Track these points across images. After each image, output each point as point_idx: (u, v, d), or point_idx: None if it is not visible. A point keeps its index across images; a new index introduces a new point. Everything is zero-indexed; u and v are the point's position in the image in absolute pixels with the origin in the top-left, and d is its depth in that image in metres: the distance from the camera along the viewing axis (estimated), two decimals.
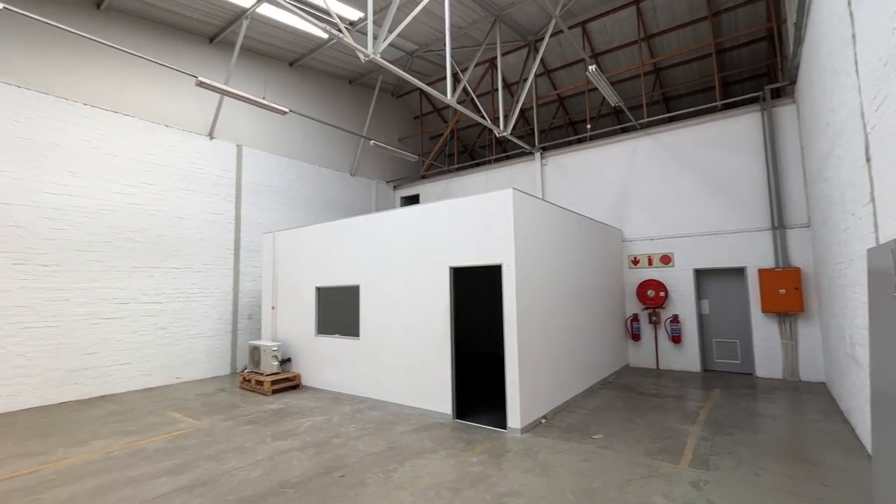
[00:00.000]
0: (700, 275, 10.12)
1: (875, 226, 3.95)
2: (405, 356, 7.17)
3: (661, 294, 10.15)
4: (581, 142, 13.35)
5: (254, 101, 8.42)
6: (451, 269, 6.69)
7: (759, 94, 9.39)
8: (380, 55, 7.00)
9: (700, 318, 10.02)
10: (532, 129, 16.00)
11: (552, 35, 12.30)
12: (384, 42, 7.02)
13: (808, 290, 8.65)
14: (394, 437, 5.76)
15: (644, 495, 4.09)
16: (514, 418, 5.87)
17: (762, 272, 8.93)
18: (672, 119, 13.55)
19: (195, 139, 10.30)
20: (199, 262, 10.14)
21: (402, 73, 7.55)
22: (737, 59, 12.40)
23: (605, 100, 14.30)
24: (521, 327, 6.01)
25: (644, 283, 10.45)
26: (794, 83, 8.83)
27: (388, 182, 15.71)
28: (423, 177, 15.75)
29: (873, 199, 3.95)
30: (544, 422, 6.36)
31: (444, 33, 11.49)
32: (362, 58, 6.93)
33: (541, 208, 6.88)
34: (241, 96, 8.23)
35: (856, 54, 4.13)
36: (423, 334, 6.94)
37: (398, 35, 10.62)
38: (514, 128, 15.86)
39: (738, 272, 9.65)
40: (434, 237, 6.92)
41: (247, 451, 5.37)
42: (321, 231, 8.85)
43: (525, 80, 12.93)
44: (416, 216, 7.21)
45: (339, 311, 8.41)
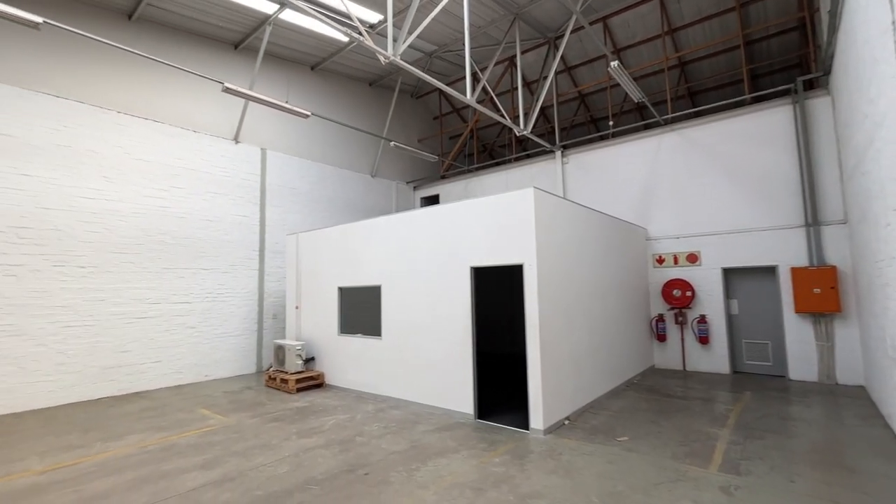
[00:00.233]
0: (729, 274, 9.82)
1: None
2: (427, 356, 7.21)
3: (688, 294, 9.89)
4: (603, 139, 13.12)
5: (277, 105, 8.60)
6: (471, 268, 6.69)
7: (791, 86, 9.05)
8: (399, 57, 7.05)
9: (729, 318, 9.73)
10: (552, 127, 15.83)
11: (573, 31, 12.14)
12: (404, 44, 7.07)
13: (845, 289, 8.29)
14: (416, 437, 5.79)
15: (671, 500, 4.00)
16: (537, 419, 5.82)
17: (795, 271, 8.61)
18: (698, 114, 13.18)
19: (221, 143, 10.59)
20: (226, 263, 10.43)
21: (421, 73, 7.58)
22: (766, 51, 11.98)
23: (627, 96, 14.04)
24: (543, 327, 5.96)
25: (670, 282, 10.21)
26: (828, 74, 8.47)
27: (408, 183, 15.81)
28: (443, 177, 15.78)
29: None
30: (567, 423, 6.28)
31: (462, 33, 11.48)
32: (382, 60, 6.99)
33: (562, 207, 6.81)
34: (264, 101, 8.42)
35: None
36: (444, 334, 6.96)
37: (417, 36, 10.67)
38: (534, 126, 15.73)
39: (769, 271, 9.32)
40: (455, 237, 6.93)
41: (273, 448, 5.49)
42: (343, 232, 8.97)
43: (545, 78, 12.81)
44: (437, 216, 7.23)
45: (361, 311, 8.51)
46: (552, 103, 13.87)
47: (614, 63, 7.95)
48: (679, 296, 10.01)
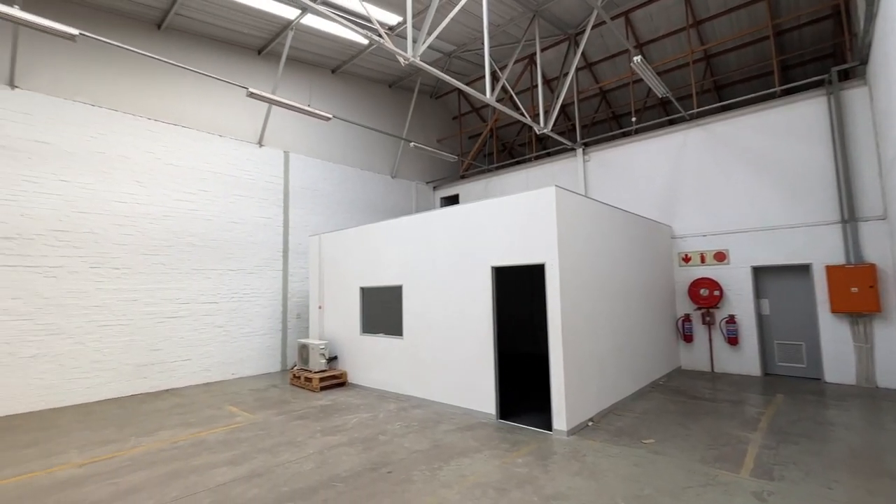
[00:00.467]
0: (759, 272, 9.50)
1: None
2: (448, 356, 7.21)
3: (716, 293, 9.61)
4: (626, 136, 12.87)
5: (300, 108, 8.75)
6: (492, 268, 6.66)
7: (825, 76, 8.69)
8: (419, 58, 7.07)
9: (759, 318, 9.41)
10: (573, 125, 15.63)
11: (594, 27, 11.96)
12: (423, 45, 7.09)
13: (885, 287, 7.91)
14: (438, 436, 5.81)
15: None
16: (560, 420, 5.76)
17: (830, 269, 8.26)
18: (725, 108, 12.79)
19: (246, 147, 10.85)
20: (252, 265, 10.67)
21: (440, 74, 7.60)
22: (797, 41, 11.54)
23: (650, 91, 13.74)
24: (566, 327, 5.89)
25: (696, 281, 9.94)
26: (864, 63, 8.10)
27: (427, 183, 15.86)
28: (463, 177, 15.77)
29: None
30: (591, 424, 6.19)
31: (481, 32, 11.44)
32: (402, 61, 7.03)
33: (584, 205, 6.71)
34: (287, 105, 8.58)
35: None
36: (465, 334, 6.96)
37: (436, 37, 10.70)
38: (554, 124, 15.56)
39: (803, 269, 8.98)
40: (475, 237, 6.92)
41: (298, 445, 5.59)
42: (364, 233, 9.07)
43: (566, 75, 12.66)
44: (458, 216, 7.23)
45: (382, 310, 8.58)
46: (573, 100, 13.70)
47: (637, 58, 7.79)
48: (706, 295, 9.73)
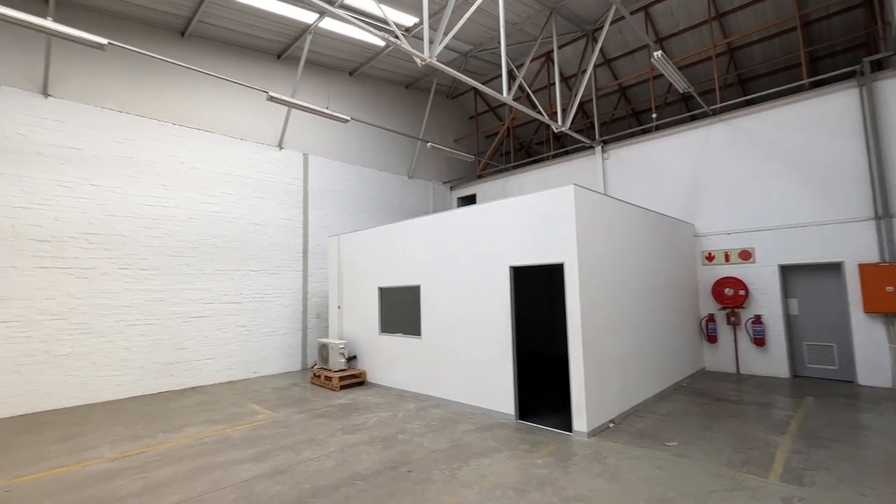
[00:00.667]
0: (787, 271, 9.21)
1: None
2: (466, 355, 7.21)
3: (741, 292, 9.36)
4: (645, 132, 12.65)
5: (318, 111, 8.87)
6: (511, 268, 6.63)
7: (857, 67, 8.37)
8: (435, 58, 7.09)
9: (787, 318, 9.12)
10: (592, 123, 15.42)
11: (612, 23, 11.78)
12: (440, 45, 7.10)
13: None
14: (457, 436, 5.81)
15: None
16: (580, 421, 5.69)
17: (864, 267, 7.95)
18: (750, 102, 12.44)
19: (267, 150, 11.05)
20: (272, 265, 10.87)
21: (457, 73, 7.59)
22: (826, 31, 11.14)
23: (671, 86, 13.45)
24: (586, 327, 5.82)
25: (720, 280, 9.70)
26: None
27: (444, 183, 15.88)
28: (480, 176, 15.73)
29: None
30: (612, 426, 6.11)
31: (498, 31, 11.40)
32: (419, 62, 7.05)
33: (604, 204, 6.62)
34: (306, 107, 8.71)
35: None
36: (483, 334, 6.94)
37: (452, 37, 10.71)
38: (572, 122, 15.40)
39: (834, 268, 8.66)
40: (493, 236, 6.90)
41: (319, 443, 5.67)
42: (382, 233, 9.14)
43: (583, 72, 12.50)
44: (475, 216, 7.22)
45: (400, 310, 8.64)
46: (591, 97, 13.52)
47: (658, 53, 7.64)
48: (731, 295, 9.48)
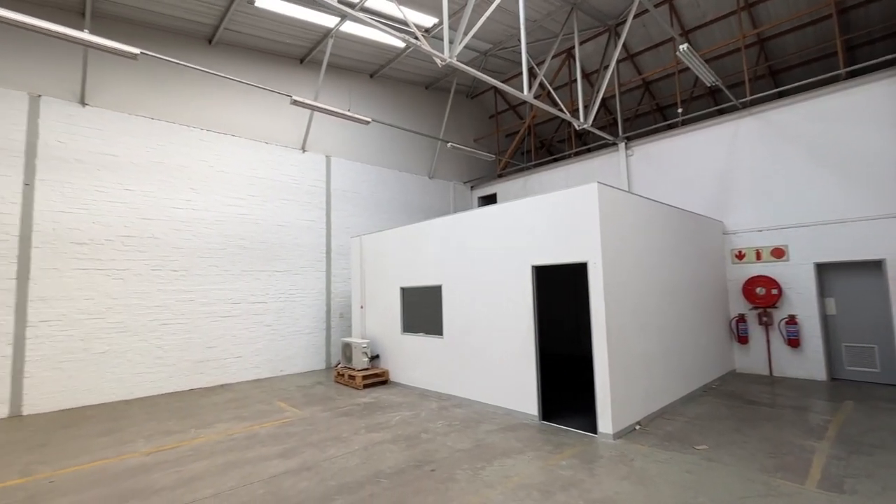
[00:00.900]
0: (823, 269, 8.84)
1: None
2: (489, 355, 7.19)
3: (774, 292, 9.03)
4: (671, 128, 12.34)
5: (340, 113, 8.99)
6: (533, 267, 6.58)
7: None
8: (455, 58, 7.09)
9: (824, 318, 8.75)
10: (615, 119, 15.15)
11: (635, 16, 11.54)
12: (460, 45, 7.10)
13: None
14: (480, 436, 5.80)
15: None
16: (606, 423, 5.60)
17: None
18: (781, 94, 11.98)
19: (290, 153, 11.28)
20: (297, 266, 11.09)
21: (477, 73, 7.58)
22: (864, 18, 10.63)
23: (697, 80, 13.10)
24: (611, 328, 5.73)
25: (752, 279, 9.38)
26: None
27: (465, 183, 15.87)
28: (500, 176, 15.66)
29: None
30: (639, 428, 5.99)
31: (518, 29, 11.32)
32: (439, 62, 7.08)
33: (628, 202, 6.50)
34: (329, 110, 8.84)
35: None
36: (506, 334, 6.91)
37: (472, 36, 10.69)
38: (594, 118, 15.15)
39: (874, 266, 8.27)
40: (515, 236, 6.85)
41: (344, 441, 5.76)
42: (403, 234, 9.20)
43: (606, 68, 12.29)
44: (497, 215, 7.19)
45: (422, 310, 8.68)
46: (614, 93, 13.30)
47: (683, 46, 7.45)
48: (763, 294, 9.17)
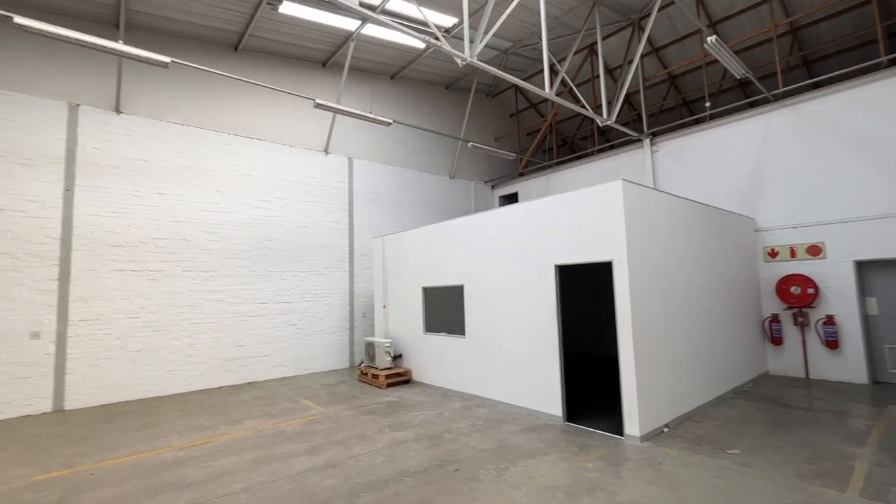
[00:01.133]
0: (863, 267, 8.44)
1: None
2: (511, 356, 7.15)
3: (809, 291, 8.67)
4: (698, 123, 11.99)
5: (362, 115, 9.09)
6: (556, 267, 6.50)
7: None
8: (476, 57, 7.07)
9: (865, 319, 8.35)
10: (639, 115, 14.84)
11: (660, 9, 11.26)
12: (480, 44, 7.08)
13: None
14: (503, 436, 5.77)
15: None
16: (632, 425, 5.49)
17: None
18: (817, 85, 11.49)
19: (314, 156, 11.48)
20: (321, 266, 11.27)
21: (497, 71, 7.54)
22: None
23: (726, 73, 12.69)
24: (637, 328, 5.61)
25: (786, 278, 9.03)
26: None
27: (486, 182, 15.82)
28: (522, 174, 15.54)
29: None
30: (667, 431, 5.84)
31: (538, 26, 11.21)
32: (459, 62, 7.07)
33: (654, 199, 6.35)
34: (351, 113, 8.95)
35: None
36: (529, 334, 6.85)
37: (493, 35, 10.64)
38: (618, 115, 14.87)
39: None
40: (538, 235, 6.79)
41: (368, 439, 5.82)
42: (425, 234, 9.23)
43: (630, 63, 12.03)
44: (519, 214, 7.14)
45: (444, 310, 8.69)
46: (638, 88, 13.01)
47: (712, 38, 7.23)
48: (798, 293, 8.81)
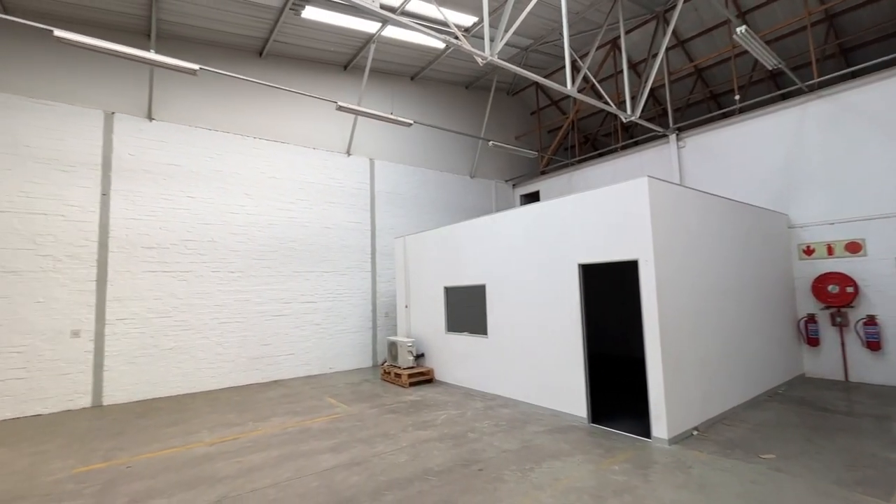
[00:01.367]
0: None
1: None
2: (534, 355, 7.08)
3: (849, 290, 8.29)
4: (726, 116, 11.61)
5: (383, 117, 9.17)
6: (580, 266, 6.41)
7: None
8: (496, 56, 7.04)
9: None
10: (664, 109, 14.48)
11: (686, 0, 10.95)
12: (501, 42, 7.04)
13: None
14: (527, 437, 5.72)
15: None
16: (660, 427, 5.36)
17: None
18: (855, 74, 10.98)
19: (336, 157, 11.64)
20: (343, 266, 11.43)
21: (518, 69, 7.49)
22: None
23: (757, 64, 12.25)
24: (664, 328, 5.47)
25: (823, 276, 8.66)
26: None
27: (506, 181, 15.72)
28: (543, 173, 15.38)
29: None
30: (696, 434, 5.68)
31: (559, 23, 11.07)
32: (480, 61, 7.05)
33: (681, 196, 6.18)
34: (372, 114, 9.04)
35: None
36: (552, 334, 6.77)
37: (513, 33, 10.57)
38: (642, 110, 14.55)
39: None
40: (560, 234, 6.71)
41: (392, 438, 5.86)
42: (446, 233, 9.24)
43: (654, 56, 11.76)
44: (541, 213, 7.07)
45: (466, 309, 8.68)
46: (663, 83, 12.71)
47: (741, 28, 6.99)
48: (836, 292, 8.43)
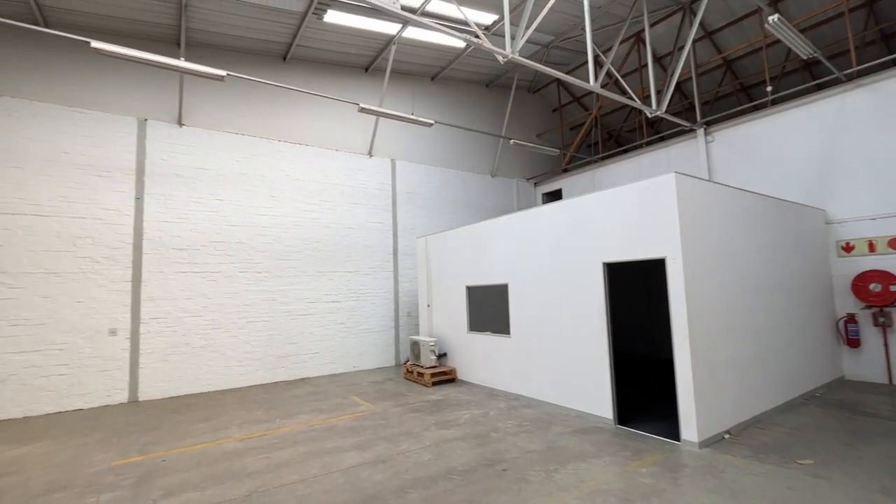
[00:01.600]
0: None
1: None
2: (558, 356, 7.00)
3: (892, 288, 7.88)
4: (757, 109, 11.21)
5: (404, 118, 9.22)
6: (604, 264, 6.30)
7: None
8: (517, 53, 6.98)
9: None
10: (691, 103, 14.09)
11: None
12: (522, 39, 6.99)
13: None
14: (552, 438, 5.67)
15: None
16: (690, 430, 5.22)
17: None
18: None
19: (358, 159, 11.78)
20: (366, 266, 11.56)
21: (539, 66, 7.41)
22: None
23: (790, 54, 11.78)
24: (693, 328, 5.32)
25: (864, 274, 8.25)
26: None
27: (528, 179, 15.59)
28: (565, 170, 15.17)
29: None
30: (728, 437, 5.51)
31: (581, 18, 10.90)
32: (501, 59, 7.01)
33: (710, 191, 6.00)
34: (393, 115, 9.11)
35: None
36: (576, 333, 6.68)
37: (534, 30, 10.47)
38: (668, 104, 14.19)
39: None
40: (584, 232, 6.61)
41: (416, 436, 5.90)
42: (468, 233, 9.23)
43: (680, 49, 11.45)
44: (564, 211, 6.98)
45: (488, 309, 8.65)
46: (690, 76, 12.35)
47: (774, 17, 6.73)
48: (879, 291, 8.03)
